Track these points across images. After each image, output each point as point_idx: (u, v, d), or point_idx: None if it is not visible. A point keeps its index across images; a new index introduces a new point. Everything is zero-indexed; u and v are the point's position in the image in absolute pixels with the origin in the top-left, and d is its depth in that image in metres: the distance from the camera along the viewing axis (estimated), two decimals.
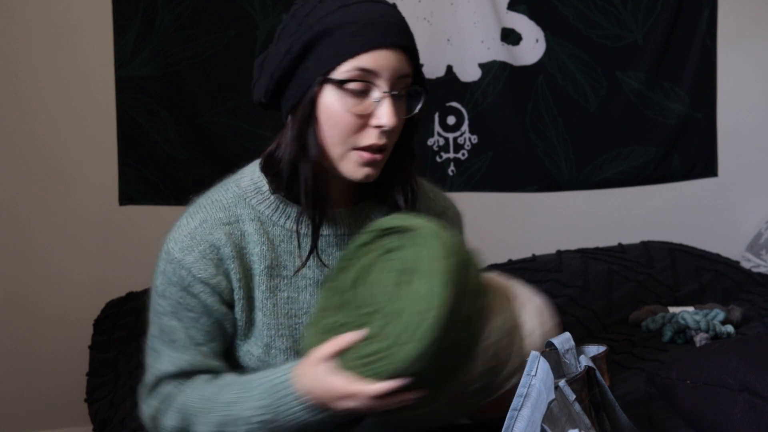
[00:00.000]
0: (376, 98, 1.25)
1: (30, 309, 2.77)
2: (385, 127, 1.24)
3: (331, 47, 1.24)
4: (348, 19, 1.23)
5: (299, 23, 1.27)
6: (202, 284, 1.30)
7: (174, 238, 1.32)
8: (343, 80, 1.23)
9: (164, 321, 1.33)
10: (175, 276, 1.31)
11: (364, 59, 1.23)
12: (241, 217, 1.33)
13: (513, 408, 1.13)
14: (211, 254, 1.30)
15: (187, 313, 1.32)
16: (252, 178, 1.36)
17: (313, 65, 1.25)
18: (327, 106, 1.26)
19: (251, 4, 2.84)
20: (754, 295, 2.59)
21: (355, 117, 1.25)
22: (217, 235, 1.31)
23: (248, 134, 2.85)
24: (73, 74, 2.75)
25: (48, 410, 2.78)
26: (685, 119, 3.22)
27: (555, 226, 3.16)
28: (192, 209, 1.35)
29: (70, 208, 2.78)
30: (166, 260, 1.32)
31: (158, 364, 1.34)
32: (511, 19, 3.05)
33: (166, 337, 1.33)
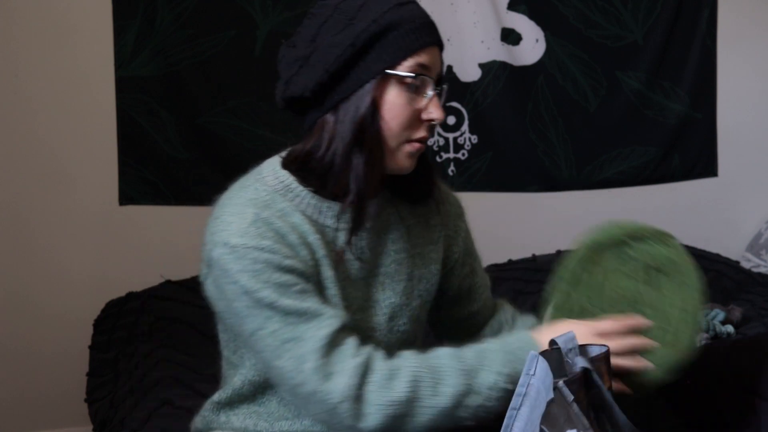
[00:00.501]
0: (428, 94, 1.29)
1: (30, 309, 2.77)
2: (437, 121, 1.30)
3: (395, 43, 1.27)
4: (407, 17, 1.28)
5: (350, 18, 1.27)
6: (290, 258, 1.26)
7: (235, 235, 1.25)
8: (407, 75, 1.27)
9: (281, 304, 1.23)
10: (258, 263, 1.23)
11: (423, 56, 1.28)
12: (285, 210, 1.30)
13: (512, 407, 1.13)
14: (281, 240, 1.26)
15: (292, 288, 1.24)
16: (276, 176, 1.33)
17: (376, 60, 1.27)
18: (389, 100, 1.28)
19: (251, 4, 2.84)
20: (754, 295, 2.59)
21: (413, 111, 1.29)
22: (278, 224, 1.27)
23: (248, 134, 2.85)
24: (73, 74, 2.75)
25: (48, 410, 2.78)
26: (685, 119, 3.22)
27: (555, 226, 3.16)
28: (232, 210, 1.29)
29: (70, 208, 2.78)
30: (236, 258, 1.24)
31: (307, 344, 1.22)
32: (511, 19, 3.05)
33: (293, 317, 1.23)
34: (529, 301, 2.51)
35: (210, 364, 2.12)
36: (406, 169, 1.33)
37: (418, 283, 1.43)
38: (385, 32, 1.27)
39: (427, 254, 1.44)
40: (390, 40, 1.27)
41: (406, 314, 1.41)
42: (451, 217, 1.49)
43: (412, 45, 1.28)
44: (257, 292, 1.23)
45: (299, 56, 1.30)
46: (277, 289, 1.24)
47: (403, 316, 1.41)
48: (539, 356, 1.12)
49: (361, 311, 1.37)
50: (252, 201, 1.29)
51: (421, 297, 1.43)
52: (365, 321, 1.37)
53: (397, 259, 1.40)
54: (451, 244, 1.49)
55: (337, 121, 1.28)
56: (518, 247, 2.91)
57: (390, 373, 1.22)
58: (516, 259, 2.81)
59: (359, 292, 1.36)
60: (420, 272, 1.43)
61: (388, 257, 1.39)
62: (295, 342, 1.23)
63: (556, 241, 2.92)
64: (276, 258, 1.24)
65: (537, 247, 2.90)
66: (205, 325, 2.35)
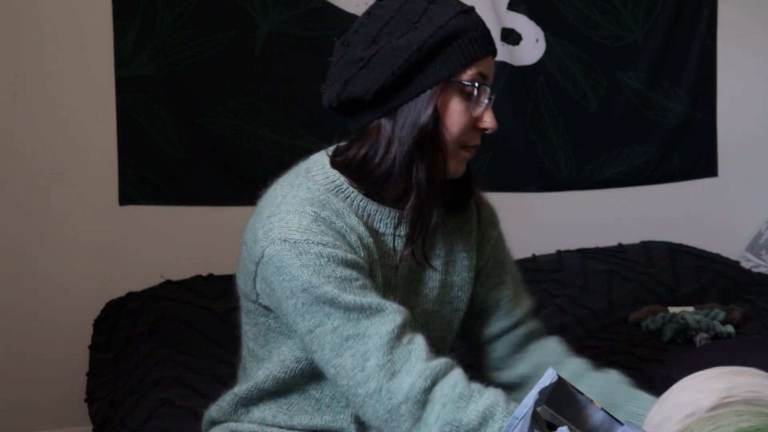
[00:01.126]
0: (484, 102, 1.30)
1: (30, 308, 2.77)
2: (490, 130, 1.31)
3: (460, 51, 1.27)
4: (471, 25, 1.29)
5: (414, 21, 1.27)
6: (353, 254, 1.26)
7: (297, 231, 1.23)
8: (470, 83, 1.28)
9: (343, 300, 1.21)
10: (322, 257, 1.22)
11: (483, 65, 1.30)
12: (341, 211, 1.30)
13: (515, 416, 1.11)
14: (341, 240, 1.26)
15: (355, 283, 1.23)
16: (327, 175, 1.32)
17: (441, 66, 1.27)
18: (450, 107, 1.29)
19: (251, 4, 2.83)
20: (754, 295, 2.59)
21: (471, 118, 1.30)
22: (338, 224, 1.27)
23: (248, 134, 2.85)
24: (73, 74, 2.75)
25: (48, 410, 2.78)
26: (685, 119, 3.22)
27: (555, 226, 3.16)
28: (289, 207, 1.27)
29: (70, 208, 2.78)
30: (297, 254, 1.22)
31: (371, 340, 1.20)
32: (511, 19, 3.05)
33: (355, 314, 1.21)
34: None
35: (210, 364, 2.13)
36: (458, 174, 1.34)
37: (450, 290, 1.43)
38: (451, 39, 1.27)
39: (461, 261, 1.44)
40: (455, 47, 1.28)
41: (438, 321, 1.41)
42: (483, 224, 1.48)
43: (475, 54, 1.28)
44: (319, 287, 1.21)
45: (360, 57, 1.27)
46: (340, 284, 1.22)
47: (435, 322, 1.40)
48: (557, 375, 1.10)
49: None
50: (309, 200, 1.28)
51: (452, 304, 1.43)
52: None
53: (432, 266, 1.40)
54: (481, 251, 1.48)
55: (396, 125, 1.28)
56: (518, 247, 2.89)
57: (469, 394, 1.18)
58: (516, 259, 2.80)
59: (394, 298, 1.34)
60: (452, 279, 1.43)
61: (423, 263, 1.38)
62: (357, 339, 1.21)
63: (556, 241, 2.93)
64: (339, 252, 1.23)
65: (537, 247, 2.89)
66: (205, 325, 2.36)
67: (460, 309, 1.44)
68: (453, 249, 1.43)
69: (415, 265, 1.37)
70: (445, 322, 1.42)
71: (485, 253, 1.48)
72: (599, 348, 2.20)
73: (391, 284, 1.35)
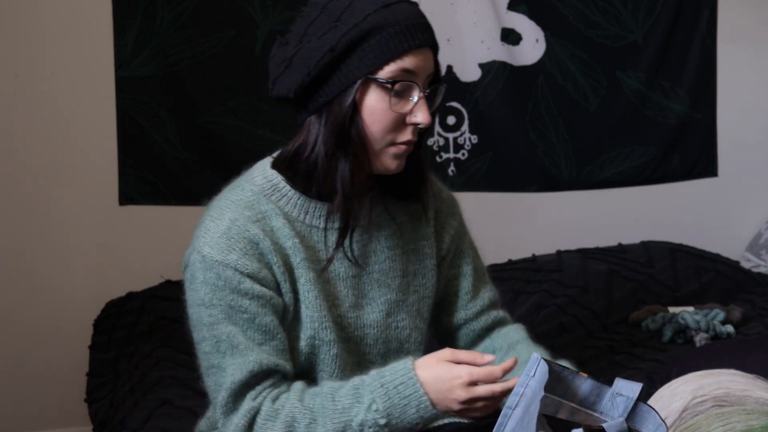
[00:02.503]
0: (414, 98, 1.29)
1: (30, 309, 2.77)
2: (422, 125, 1.30)
3: (377, 48, 1.26)
4: (391, 19, 1.27)
5: (335, 19, 1.27)
6: (251, 280, 1.28)
7: (207, 244, 1.29)
8: (388, 81, 1.27)
9: (219, 330, 1.29)
10: (220, 280, 1.28)
11: (407, 60, 1.28)
12: (267, 213, 1.32)
13: (508, 406, 1.13)
14: (252, 250, 1.29)
15: (241, 315, 1.28)
16: (266, 176, 1.35)
17: (358, 64, 1.27)
18: (370, 104, 1.28)
19: (251, 4, 2.83)
20: (754, 295, 2.59)
21: (396, 115, 1.29)
22: (253, 231, 1.30)
23: (248, 134, 2.85)
24: (73, 74, 2.75)
25: (48, 410, 2.78)
26: (685, 119, 3.21)
27: (555, 226, 3.16)
28: (214, 213, 1.33)
29: (70, 208, 2.78)
30: (204, 268, 1.29)
31: (226, 377, 1.28)
32: (511, 19, 3.05)
33: (225, 346, 1.28)
34: (529, 302, 2.52)
35: None
36: (392, 170, 1.33)
37: (413, 278, 1.44)
38: (367, 37, 1.26)
39: (421, 249, 1.45)
40: (372, 44, 1.26)
41: (404, 310, 1.42)
42: (441, 213, 1.49)
43: (394, 50, 1.27)
44: (208, 308, 1.28)
45: (286, 57, 1.30)
46: (226, 311, 1.28)
47: (401, 311, 1.42)
48: (541, 360, 1.12)
49: (355, 308, 1.38)
50: (234, 203, 1.32)
51: (418, 292, 1.44)
52: (360, 318, 1.39)
53: (390, 256, 1.41)
54: (439, 241, 1.48)
55: (321, 122, 1.30)
56: (518, 247, 2.91)
57: (272, 414, 1.27)
58: (516, 259, 2.81)
59: (351, 290, 1.37)
60: (415, 267, 1.44)
61: (381, 254, 1.40)
62: (218, 370, 1.29)
63: (556, 241, 2.93)
64: (236, 277, 1.27)
65: (537, 247, 2.89)
66: None
67: (428, 296, 1.46)
68: (413, 237, 1.44)
69: (375, 256, 1.40)
70: (414, 310, 1.44)
71: (445, 243, 1.48)
72: (599, 348, 2.20)
73: (338, 276, 1.36)
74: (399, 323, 1.41)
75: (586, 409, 1.13)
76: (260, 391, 1.29)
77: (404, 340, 1.42)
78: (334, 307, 1.36)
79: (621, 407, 1.12)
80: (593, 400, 1.13)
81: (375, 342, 1.40)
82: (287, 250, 1.32)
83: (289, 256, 1.32)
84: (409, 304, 1.43)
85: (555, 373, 1.12)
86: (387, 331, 1.40)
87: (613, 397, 1.13)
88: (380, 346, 1.41)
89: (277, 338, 1.31)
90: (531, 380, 1.12)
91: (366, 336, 1.39)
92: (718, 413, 1.23)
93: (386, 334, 1.40)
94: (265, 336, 1.30)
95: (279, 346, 1.31)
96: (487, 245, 1.64)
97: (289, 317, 1.33)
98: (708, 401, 1.33)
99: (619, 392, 1.12)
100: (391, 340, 1.41)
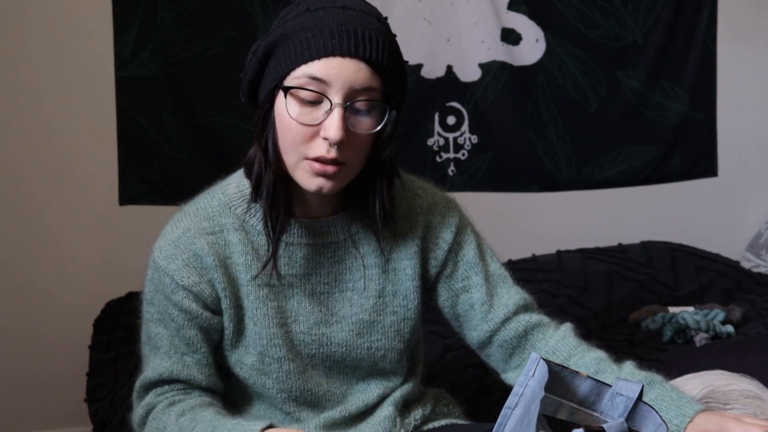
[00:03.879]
0: (326, 109, 1.20)
1: (29, 309, 2.77)
2: (331, 140, 1.19)
3: (287, 53, 1.20)
4: (307, 24, 1.19)
5: (276, 23, 1.26)
6: (185, 291, 1.30)
7: (159, 247, 1.32)
8: (291, 87, 1.20)
9: (151, 328, 1.35)
10: (161, 284, 1.31)
11: (315, 67, 1.18)
12: (226, 226, 1.32)
13: (507, 406, 1.13)
14: (194, 263, 1.30)
15: (170, 322, 1.32)
16: (238, 185, 1.35)
17: (272, 69, 1.23)
18: (279, 112, 1.23)
19: (251, 4, 2.83)
20: (754, 295, 2.59)
21: (304, 126, 1.20)
22: (199, 244, 1.30)
23: (248, 134, 2.83)
24: (73, 74, 2.75)
25: (48, 410, 2.78)
26: (685, 119, 3.21)
27: (555, 226, 3.16)
28: (177, 217, 1.34)
29: (70, 208, 2.78)
30: (152, 268, 1.33)
31: (146, 371, 1.37)
32: (511, 19, 3.05)
33: (153, 343, 1.35)
34: None
35: None
36: (312, 190, 1.24)
37: (392, 298, 1.39)
38: (280, 42, 1.21)
39: (403, 270, 1.39)
40: (282, 50, 1.20)
41: (379, 331, 1.38)
42: (432, 229, 1.41)
43: (300, 55, 1.18)
44: (148, 305, 1.34)
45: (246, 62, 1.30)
46: (161, 313, 1.32)
47: (375, 332, 1.38)
48: (540, 360, 1.12)
49: (323, 325, 1.35)
50: (195, 212, 1.33)
51: (397, 313, 1.39)
52: (326, 336, 1.35)
53: (367, 275, 1.37)
54: (429, 258, 1.41)
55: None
56: (518, 247, 2.91)
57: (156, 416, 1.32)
58: (516, 259, 2.81)
59: (319, 307, 1.34)
60: (395, 288, 1.39)
61: (357, 272, 1.36)
62: (144, 360, 1.39)
63: (556, 241, 2.93)
64: (170, 286, 1.29)
65: (537, 247, 2.90)
66: None
67: (409, 318, 1.40)
68: (392, 257, 1.38)
69: (349, 274, 1.36)
70: (392, 332, 1.39)
71: (437, 260, 1.41)
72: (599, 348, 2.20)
73: (303, 292, 1.34)
74: (373, 344, 1.37)
75: (585, 409, 1.13)
76: (166, 390, 1.34)
77: (378, 359, 1.39)
78: (286, 324, 1.33)
79: (621, 407, 1.12)
80: (593, 400, 1.13)
81: (343, 359, 1.37)
82: (238, 266, 1.31)
83: (239, 273, 1.31)
84: (386, 325, 1.38)
85: (554, 373, 1.12)
86: (357, 350, 1.37)
87: (613, 397, 1.12)
88: (349, 363, 1.38)
89: (199, 352, 1.33)
90: (530, 380, 1.11)
91: (333, 354, 1.36)
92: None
93: (356, 353, 1.37)
94: (188, 348, 1.33)
95: (202, 360, 1.33)
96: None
97: (230, 333, 1.33)
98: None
99: (619, 392, 1.12)
100: (363, 359, 1.38)
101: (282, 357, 1.32)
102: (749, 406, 1.30)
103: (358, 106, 1.20)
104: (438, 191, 1.47)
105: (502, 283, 1.44)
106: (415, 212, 1.40)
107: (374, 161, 1.27)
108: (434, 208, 1.43)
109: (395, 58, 1.24)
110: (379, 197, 1.30)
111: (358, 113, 1.21)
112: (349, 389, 1.40)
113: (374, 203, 1.31)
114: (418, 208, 1.41)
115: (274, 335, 1.32)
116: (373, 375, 1.41)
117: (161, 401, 1.34)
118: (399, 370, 1.43)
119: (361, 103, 1.20)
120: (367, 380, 1.41)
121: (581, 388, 1.13)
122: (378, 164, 1.28)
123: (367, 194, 1.31)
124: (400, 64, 1.26)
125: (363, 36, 1.18)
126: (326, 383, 1.37)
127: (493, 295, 1.42)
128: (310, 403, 1.36)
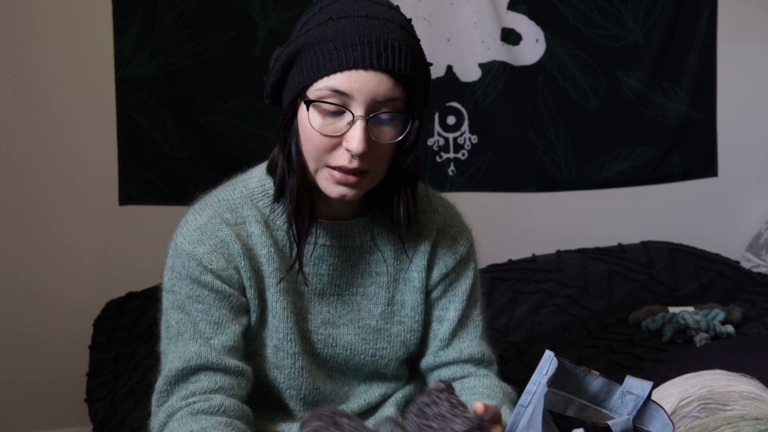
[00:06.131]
0: (348, 120, 1.19)
1: (29, 309, 2.77)
2: (353, 152, 1.18)
3: (309, 63, 1.19)
4: (329, 34, 1.17)
5: (299, 29, 1.24)
6: (213, 275, 1.28)
7: (182, 233, 1.31)
8: (313, 100, 1.19)
9: (170, 316, 1.29)
10: (185, 269, 1.28)
11: (337, 79, 1.17)
12: (248, 218, 1.31)
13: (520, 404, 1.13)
14: (221, 249, 1.28)
15: (196, 305, 1.28)
16: (260, 179, 1.34)
17: (295, 78, 1.22)
18: (302, 121, 1.23)
19: (251, 4, 2.83)
20: (754, 295, 2.59)
21: (327, 137, 1.20)
22: (226, 232, 1.29)
23: (249, 134, 2.85)
24: (73, 74, 2.75)
25: (48, 410, 2.78)
26: (685, 119, 3.22)
27: (555, 226, 3.16)
28: (199, 206, 1.33)
29: (70, 208, 2.78)
30: (174, 255, 1.31)
31: (166, 364, 1.28)
32: (511, 19, 3.05)
33: (173, 332, 1.28)
34: (529, 302, 2.52)
35: None
36: (334, 196, 1.24)
37: (400, 308, 1.39)
38: (302, 51, 1.20)
39: (412, 282, 1.39)
40: (304, 60, 1.19)
41: (385, 339, 1.38)
42: (439, 248, 1.41)
43: (322, 68, 1.17)
44: (168, 293, 1.30)
45: (270, 63, 1.28)
46: (183, 300, 1.28)
47: (381, 340, 1.38)
48: (554, 357, 1.11)
49: (329, 326, 1.35)
50: (219, 202, 1.32)
51: (404, 323, 1.39)
52: (332, 337, 1.36)
53: (377, 282, 1.37)
54: (428, 275, 1.40)
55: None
56: (518, 247, 2.91)
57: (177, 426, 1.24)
58: (516, 259, 2.81)
59: (327, 308, 1.35)
60: (404, 298, 1.39)
61: (368, 278, 1.37)
62: (163, 354, 1.30)
63: (556, 241, 2.93)
64: (198, 269, 1.27)
65: (537, 247, 2.90)
66: None
67: (415, 329, 1.39)
68: (405, 267, 1.38)
69: (361, 279, 1.36)
70: (398, 341, 1.39)
71: (432, 280, 1.40)
72: (599, 348, 2.20)
73: (315, 291, 1.34)
74: (377, 351, 1.37)
75: (595, 405, 1.13)
76: (193, 392, 1.25)
77: (381, 366, 1.39)
78: (304, 321, 1.33)
79: (630, 405, 1.12)
80: (603, 397, 1.14)
81: (346, 362, 1.37)
82: (261, 257, 1.30)
83: (262, 264, 1.31)
84: (392, 334, 1.38)
85: (566, 370, 1.12)
86: (362, 356, 1.37)
87: (623, 394, 1.13)
88: (352, 366, 1.38)
89: (227, 333, 1.27)
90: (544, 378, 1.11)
91: (337, 355, 1.36)
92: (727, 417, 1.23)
93: (360, 358, 1.37)
94: (215, 329, 1.27)
95: (228, 342, 1.27)
96: (487, 245, 1.64)
97: (254, 322, 1.32)
98: (693, 402, 1.34)
99: (629, 390, 1.12)
100: (366, 364, 1.38)
101: (296, 353, 1.32)
102: (749, 406, 1.31)
103: (380, 117, 1.20)
104: (458, 214, 1.46)
105: (472, 331, 1.42)
106: (430, 227, 1.40)
107: (397, 167, 1.27)
108: (448, 229, 1.42)
109: (418, 64, 1.22)
110: (404, 201, 1.31)
111: (380, 123, 1.20)
112: (352, 390, 1.40)
113: (398, 206, 1.31)
114: (433, 223, 1.41)
115: (291, 330, 1.32)
116: (375, 378, 1.42)
117: (183, 407, 1.24)
118: (401, 375, 1.44)
119: (388, 113, 1.20)
120: (369, 382, 1.42)
121: (592, 385, 1.14)
122: (401, 170, 1.28)
123: (390, 198, 1.31)
124: (424, 69, 1.25)
125: (385, 47, 1.17)
126: (330, 383, 1.38)
127: (456, 338, 1.41)
128: (315, 402, 1.36)
